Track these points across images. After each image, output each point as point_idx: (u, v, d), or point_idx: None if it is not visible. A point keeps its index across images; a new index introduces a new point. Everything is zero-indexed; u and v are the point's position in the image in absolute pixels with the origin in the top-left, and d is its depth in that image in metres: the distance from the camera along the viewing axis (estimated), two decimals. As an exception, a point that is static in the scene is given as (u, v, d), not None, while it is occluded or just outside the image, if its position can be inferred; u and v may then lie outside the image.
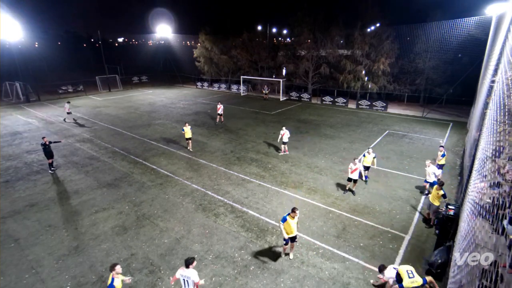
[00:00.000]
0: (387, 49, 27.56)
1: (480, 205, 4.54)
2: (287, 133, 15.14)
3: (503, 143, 4.51)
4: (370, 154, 11.81)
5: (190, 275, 5.68)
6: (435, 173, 10.59)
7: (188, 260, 5.73)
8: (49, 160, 13.25)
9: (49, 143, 13.12)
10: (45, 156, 13.27)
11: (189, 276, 5.69)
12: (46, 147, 12.98)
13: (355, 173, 10.90)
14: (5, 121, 22.37)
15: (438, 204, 8.99)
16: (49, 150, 13.11)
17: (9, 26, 29.68)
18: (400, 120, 22.80)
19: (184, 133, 15.64)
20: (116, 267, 5.58)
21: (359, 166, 11.02)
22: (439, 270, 7.01)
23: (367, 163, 11.88)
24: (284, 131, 15.10)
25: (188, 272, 5.69)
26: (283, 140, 15.19)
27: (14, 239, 8.76)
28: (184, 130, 15.60)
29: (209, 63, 39.62)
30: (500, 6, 15.04)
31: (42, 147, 13.06)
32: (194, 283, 5.73)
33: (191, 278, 5.68)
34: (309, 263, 7.78)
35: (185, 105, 28.80)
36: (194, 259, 5.83)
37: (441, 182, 9.07)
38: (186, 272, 5.70)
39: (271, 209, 10.31)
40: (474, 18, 21.67)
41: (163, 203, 10.74)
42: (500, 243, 3.15)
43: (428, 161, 10.87)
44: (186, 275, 5.70)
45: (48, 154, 13.15)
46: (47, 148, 13.02)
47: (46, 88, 33.23)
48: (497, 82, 6.84)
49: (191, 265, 5.72)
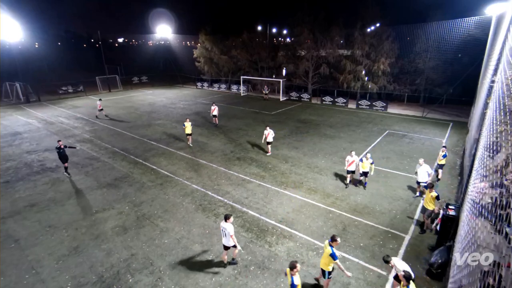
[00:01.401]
0: (387, 49, 27.56)
1: (480, 205, 4.54)
2: (272, 133, 15.08)
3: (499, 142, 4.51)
4: (368, 160, 11.41)
5: (227, 227, 7.06)
6: (428, 171, 10.45)
7: (226, 215, 7.14)
8: (65, 163, 12.97)
9: (64, 146, 12.86)
10: (60, 159, 12.97)
11: (225, 228, 7.09)
12: (61, 150, 12.69)
13: (353, 165, 11.63)
14: (5, 122, 22.38)
15: (433, 208, 8.73)
16: (64, 154, 12.83)
17: (9, 26, 29.71)
18: (400, 120, 22.80)
19: (185, 128, 16.34)
20: (297, 265, 5.55)
21: (356, 158, 11.65)
22: (439, 270, 7.01)
23: (364, 168, 11.48)
24: (268, 131, 15.02)
25: (226, 225, 7.09)
26: (268, 140, 15.11)
27: (14, 240, 8.76)
28: (185, 125, 16.31)
29: (209, 63, 39.63)
30: (500, 6, 15.03)
31: (57, 151, 12.73)
32: (229, 235, 7.05)
33: (227, 230, 7.07)
34: (309, 263, 7.78)
35: (185, 105, 28.81)
36: (231, 215, 7.20)
37: (430, 185, 8.90)
38: (224, 225, 7.11)
39: (271, 209, 10.31)
40: (474, 18, 21.67)
41: (163, 203, 10.74)
42: (503, 243, 3.14)
43: (422, 159, 10.76)
44: (224, 227, 7.11)
45: (63, 158, 12.86)
46: (62, 152, 12.73)
47: (46, 88, 33.22)
48: (497, 82, 6.84)
49: (228, 220, 7.09)
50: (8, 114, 24.87)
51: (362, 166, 11.50)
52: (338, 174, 13.08)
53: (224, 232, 7.20)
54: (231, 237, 7.08)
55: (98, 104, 23.23)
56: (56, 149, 12.86)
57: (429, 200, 8.73)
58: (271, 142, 15.28)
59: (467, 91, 23.05)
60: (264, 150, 15.74)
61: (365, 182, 11.81)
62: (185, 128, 16.38)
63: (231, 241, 7.14)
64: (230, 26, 39.92)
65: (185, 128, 16.39)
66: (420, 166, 10.63)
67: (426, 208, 8.90)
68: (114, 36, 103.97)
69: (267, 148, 15.44)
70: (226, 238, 7.19)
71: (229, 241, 7.18)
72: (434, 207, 8.72)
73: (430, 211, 8.79)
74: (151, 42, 66.88)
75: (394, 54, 27.78)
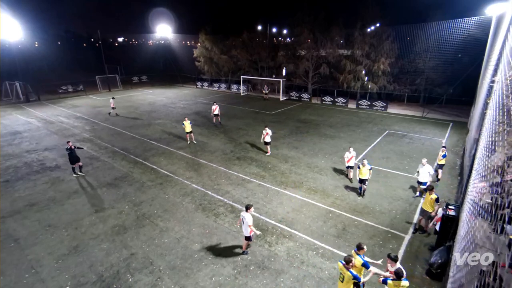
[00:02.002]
0: (387, 49, 27.53)
1: (479, 205, 4.54)
2: (270, 133, 15.07)
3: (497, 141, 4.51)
4: (365, 166, 10.63)
5: (246, 217, 7.59)
6: (430, 172, 10.42)
7: (247, 205, 7.70)
8: (74, 164, 12.81)
9: (73, 147, 12.65)
10: (70, 160, 12.73)
11: (245, 217, 7.62)
12: (71, 151, 12.50)
13: (352, 160, 12.09)
14: (5, 121, 22.37)
15: (432, 210, 8.55)
16: (75, 155, 12.64)
17: (9, 26, 29.67)
18: (400, 120, 22.80)
19: (184, 127, 16.77)
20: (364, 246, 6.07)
21: (354, 154, 12.16)
22: (439, 270, 7.01)
23: (363, 175, 10.73)
24: (267, 130, 14.97)
25: (246, 214, 7.62)
26: (265, 140, 15.11)
27: (14, 239, 8.76)
28: (184, 124, 16.74)
29: (209, 63, 39.61)
30: (500, 6, 15.03)
31: (68, 152, 12.51)
32: (248, 225, 7.56)
33: (246, 219, 7.60)
34: (309, 263, 7.79)
35: (185, 105, 28.80)
36: (251, 205, 7.76)
37: (430, 187, 8.74)
38: (245, 214, 7.64)
39: (271, 209, 10.31)
40: (474, 18, 21.65)
41: (163, 203, 10.74)
42: (499, 242, 3.14)
43: (425, 159, 10.73)
44: (244, 216, 7.64)
45: (73, 159, 12.66)
46: (72, 153, 12.53)
47: (46, 88, 33.23)
48: (497, 82, 6.84)
49: (249, 210, 7.63)
50: (8, 113, 24.86)
51: (360, 173, 10.77)
52: (338, 174, 13.08)
53: (243, 221, 7.70)
54: (249, 227, 7.57)
55: (111, 103, 23.97)
56: (66, 150, 12.59)
57: (429, 203, 8.62)
58: (269, 143, 15.29)
59: (467, 91, 23.04)
60: (264, 150, 15.74)
61: (364, 190, 11.13)
62: (185, 127, 16.77)
63: (248, 230, 7.64)
64: (230, 26, 39.99)
65: (185, 127, 16.78)
66: (422, 166, 10.55)
67: (425, 210, 8.79)
68: (114, 35, 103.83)
69: (266, 148, 15.45)
70: (245, 226, 7.70)
71: (247, 230, 7.66)
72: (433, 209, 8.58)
73: (429, 213, 8.66)
74: (151, 42, 66.79)
75: (394, 54, 27.76)
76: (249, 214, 7.62)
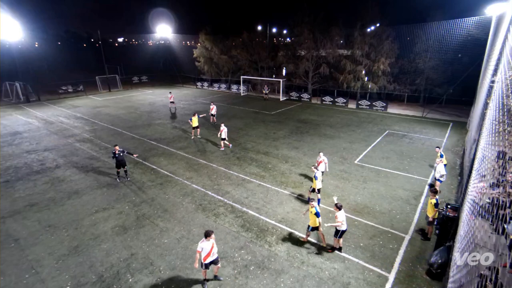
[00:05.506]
0: (387, 49, 27.55)
1: (479, 205, 4.54)
2: (225, 130, 16.00)
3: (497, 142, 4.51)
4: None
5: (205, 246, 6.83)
6: (441, 172, 10.65)
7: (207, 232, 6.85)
8: (118, 169, 12.38)
9: (122, 152, 12.20)
10: (116, 164, 12.27)
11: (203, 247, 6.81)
12: (118, 156, 12.04)
13: (321, 165, 11.71)
14: (5, 121, 22.37)
15: (431, 215, 8.42)
16: (121, 159, 12.14)
17: (9, 26, 29.68)
18: (400, 120, 22.80)
19: (192, 122, 17.77)
20: None
21: (324, 158, 11.95)
22: (439, 270, 7.01)
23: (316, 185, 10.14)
24: (223, 127, 15.94)
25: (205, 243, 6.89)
26: (222, 136, 15.96)
27: (14, 239, 8.76)
28: (192, 120, 17.76)
29: (209, 63, 39.62)
30: (500, 6, 15.05)
31: (114, 156, 12.04)
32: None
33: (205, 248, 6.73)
34: (309, 263, 7.79)
35: (185, 105, 28.80)
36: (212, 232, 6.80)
37: (434, 189, 8.61)
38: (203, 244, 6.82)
39: (271, 209, 10.31)
40: (474, 18, 21.65)
41: (163, 203, 10.74)
42: (500, 243, 3.14)
43: (439, 158, 11.10)
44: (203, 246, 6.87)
45: (120, 163, 12.18)
46: (119, 157, 12.06)
47: (46, 88, 33.20)
48: (497, 82, 6.85)
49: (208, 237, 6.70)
50: (8, 114, 24.86)
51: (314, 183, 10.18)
52: (338, 174, 13.08)
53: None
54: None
55: (169, 96, 25.59)
56: (112, 155, 12.18)
57: (429, 207, 8.54)
58: (225, 139, 16.13)
59: (467, 91, 23.05)
60: (264, 150, 15.73)
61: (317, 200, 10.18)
62: (192, 122, 17.74)
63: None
64: (230, 26, 39.90)
65: (192, 122, 17.75)
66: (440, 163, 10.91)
67: (427, 216, 8.69)
68: (114, 36, 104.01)
69: (221, 143, 16.29)
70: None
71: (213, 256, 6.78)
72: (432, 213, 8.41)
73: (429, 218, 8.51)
74: (151, 42, 66.80)
75: (394, 54, 27.78)
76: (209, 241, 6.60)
